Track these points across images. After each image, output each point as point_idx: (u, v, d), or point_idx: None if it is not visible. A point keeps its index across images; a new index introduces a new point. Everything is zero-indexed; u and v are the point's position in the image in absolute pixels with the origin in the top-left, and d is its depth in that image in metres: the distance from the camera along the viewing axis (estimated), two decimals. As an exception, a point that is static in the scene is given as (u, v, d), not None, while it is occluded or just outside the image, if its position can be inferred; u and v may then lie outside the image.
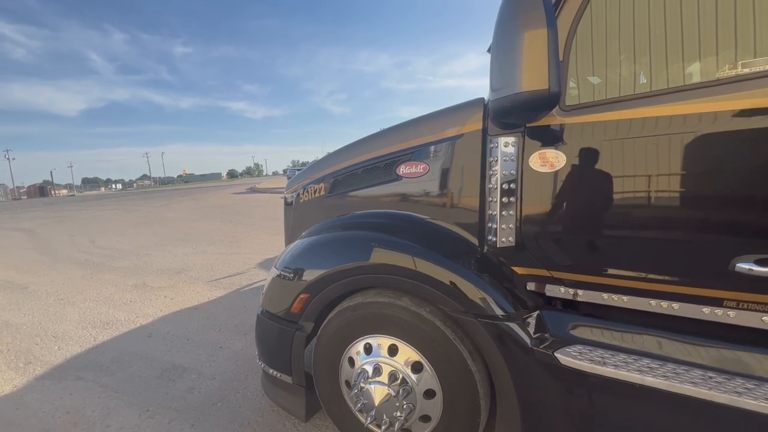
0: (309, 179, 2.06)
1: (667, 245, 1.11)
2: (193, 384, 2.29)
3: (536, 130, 1.21)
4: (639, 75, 1.16)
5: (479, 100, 1.40)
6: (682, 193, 1.06)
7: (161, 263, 5.51)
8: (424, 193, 1.54)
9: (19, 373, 2.55)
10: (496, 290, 1.32)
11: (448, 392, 1.38)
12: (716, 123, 0.99)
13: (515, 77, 0.99)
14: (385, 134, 1.72)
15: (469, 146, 1.38)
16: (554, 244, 1.27)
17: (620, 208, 1.15)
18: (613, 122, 1.11)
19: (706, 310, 1.09)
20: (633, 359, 1.10)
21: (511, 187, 1.26)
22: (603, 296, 1.23)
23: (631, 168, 1.10)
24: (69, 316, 3.56)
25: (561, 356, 1.15)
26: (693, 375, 1.02)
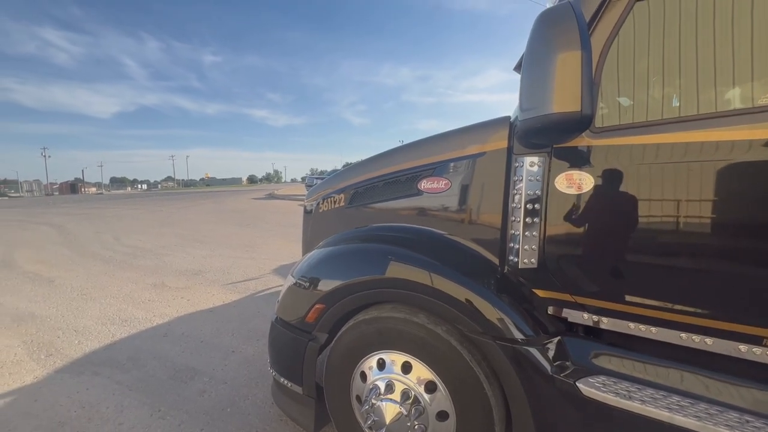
0: (330, 189, 2.08)
1: (699, 276, 1.06)
2: (205, 387, 2.31)
3: (564, 150, 1.19)
4: (672, 99, 1.13)
5: (505, 119, 1.39)
6: (715, 222, 1.02)
7: (180, 264, 5.64)
8: (445, 208, 1.53)
9: (40, 364, 2.63)
10: (516, 312, 1.28)
11: (461, 415, 1.33)
12: (752, 151, 0.95)
13: (546, 98, 0.98)
14: (408, 148, 1.73)
15: (493, 164, 1.37)
16: (578, 268, 1.23)
17: (649, 234, 1.11)
18: (643, 146, 1.08)
19: (743, 348, 1.02)
20: (662, 395, 1.04)
21: (535, 208, 1.24)
22: (629, 326, 1.17)
23: (661, 193, 1.06)
24: (90, 312, 3.67)
25: (583, 386, 1.10)
26: (728, 417, 0.96)
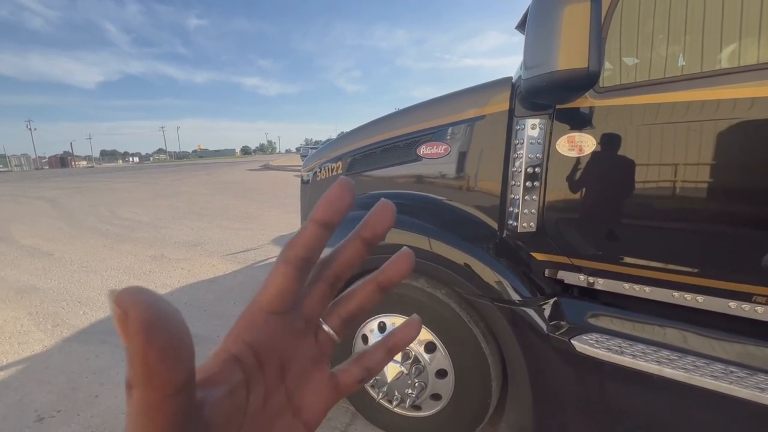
0: (326, 157, 2.04)
1: (698, 237, 1.08)
2: (211, 353, 2.38)
3: (566, 112, 1.16)
4: (679, 56, 1.09)
5: (507, 80, 1.35)
6: (718, 183, 1.02)
7: (178, 236, 5.65)
8: (445, 174, 1.52)
9: (48, 334, 2.69)
10: (514, 275, 1.31)
11: (460, 373, 1.40)
12: (755, 110, 0.93)
13: (552, 55, 0.94)
14: (406, 113, 1.69)
15: (493, 127, 1.34)
16: (577, 231, 1.24)
17: (650, 196, 1.11)
18: (648, 106, 1.06)
19: (733, 304, 1.06)
20: (652, 350, 1.08)
21: (535, 171, 1.23)
22: (624, 286, 1.20)
23: (664, 154, 1.05)
24: (92, 283, 3.71)
25: (577, 343, 1.14)
26: (714, 369, 1.00)
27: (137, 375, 0.13)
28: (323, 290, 0.22)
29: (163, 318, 0.13)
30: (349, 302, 0.24)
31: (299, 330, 0.21)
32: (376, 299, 0.24)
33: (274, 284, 0.20)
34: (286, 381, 0.21)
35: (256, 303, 0.20)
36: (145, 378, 0.13)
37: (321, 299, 0.22)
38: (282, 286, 0.20)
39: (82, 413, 1.86)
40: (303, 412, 0.22)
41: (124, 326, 0.13)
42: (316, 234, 0.20)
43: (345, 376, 0.24)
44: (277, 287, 0.20)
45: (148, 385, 0.13)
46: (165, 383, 0.13)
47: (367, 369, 0.24)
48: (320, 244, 0.20)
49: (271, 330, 0.20)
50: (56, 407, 1.90)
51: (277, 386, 0.21)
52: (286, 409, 0.21)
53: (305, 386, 0.22)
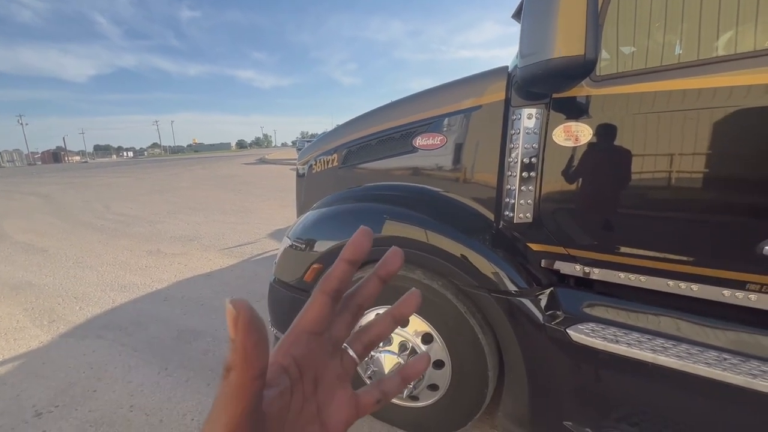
0: (321, 150, 2.03)
1: (693, 226, 1.08)
2: (208, 347, 2.38)
3: (563, 101, 1.15)
4: (676, 44, 1.08)
5: (502, 69, 1.34)
6: (713, 172, 1.02)
7: (174, 230, 5.62)
8: (441, 165, 1.51)
9: (44, 330, 2.68)
10: (510, 265, 1.31)
11: (456, 364, 1.40)
12: (750, 98, 0.92)
13: (548, 42, 0.93)
14: (401, 104, 1.67)
15: (489, 118, 1.33)
16: (573, 222, 1.24)
17: (645, 186, 1.11)
18: (644, 94, 1.05)
19: (727, 292, 1.07)
20: (647, 338, 1.09)
21: (531, 162, 1.22)
22: (619, 275, 1.21)
23: (660, 143, 1.05)
24: (88, 279, 3.69)
25: (573, 333, 1.15)
26: (707, 356, 1.02)
27: (238, 359, 0.18)
28: (348, 319, 0.27)
29: (259, 320, 0.18)
30: (370, 331, 0.29)
31: (329, 351, 0.26)
32: (391, 329, 0.30)
33: (314, 310, 0.25)
34: (317, 394, 0.25)
35: (299, 325, 0.25)
36: (242, 361, 0.18)
37: (347, 326, 0.27)
38: (320, 311, 0.25)
39: (80, 408, 1.86)
40: (328, 425, 0.26)
41: (235, 322, 0.17)
42: (345, 270, 0.25)
43: (365, 397, 0.28)
44: (316, 312, 0.25)
45: (243, 367, 0.18)
46: (254, 367, 0.18)
47: (383, 392, 0.29)
48: (349, 278, 0.25)
49: (310, 348, 0.25)
50: (54, 402, 1.90)
51: (311, 397, 0.25)
52: (315, 419, 0.25)
53: (331, 401, 0.26)
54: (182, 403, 1.87)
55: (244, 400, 0.18)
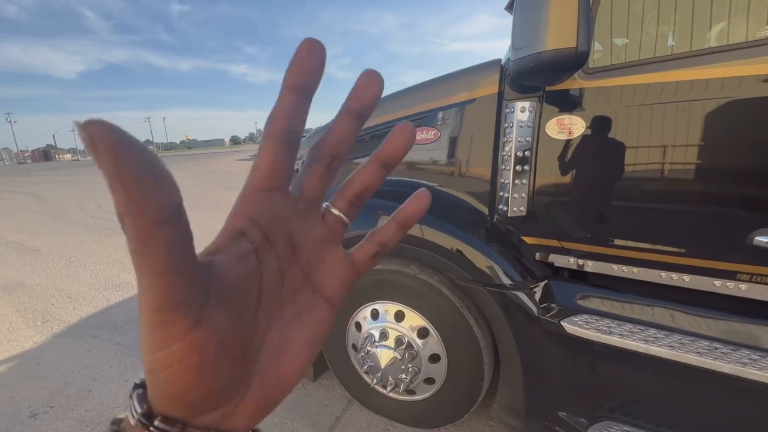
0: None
1: (686, 217, 1.09)
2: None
3: (556, 94, 1.15)
4: (669, 36, 1.08)
5: (496, 62, 1.33)
6: (706, 164, 1.02)
7: (168, 228, 5.57)
8: (435, 160, 1.50)
9: (38, 330, 2.65)
10: (505, 259, 1.31)
11: (452, 357, 1.41)
12: (743, 88, 0.93)
13: (540, 34, 0.92)
14: (394, 98, 1.66)
15: (483, 111, 1.33)
16: (567, 214, 1.24)
17: (638, 178, 1.11)
18: (637, 86, 1.05)
19: (718, 282, 1.08)
20: (639, 329, 1.10)
21: (525, 155, 1.22)
22: (613, 267, 1.22)
23: (653, 136, 1.05)
24: (81, 278, 3.66)
25: (567, 325, 1.16)
26: (699, 345, 1.03)
27: (121, 201, 0.13)
28: (320, 171, 0.22)
29: (132, 143, 0.13)
30: (354, 183, 0.24)
31: (302, 211, 0.22)
32: (380, 177, 0.24)
33: (262, 161, 0.20)
34: (299, 259, 0.22)
35: (250, 183, 0.20)
36: (128, 203, 0.13)
37: (319, 179, 0.22)
38: (270, 161, 0.20)
39: (75, 408, 1.85)
40: (323, 289, 0.23)
41: (95, 151, 0.12)
42: (291, 102, 0.19)
43: (359, 253, 0.25)
44: (266, 163, 0.20)
45: (135, 212, 0.13)
46: (149, 209, 0.13)
47: (379, 244, 0.25)
48: (299, 114, 0.20)
49: (271, 206, 0.21)
50: (49, 403, 1.89)
51: (290, 263, 0.22)
52: (305, 286, 0.22)
53: (320, 265, 0.23)
54: (179, 401, 1.87)
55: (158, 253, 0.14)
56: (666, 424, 1.11)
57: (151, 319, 0.16)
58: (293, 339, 0.22)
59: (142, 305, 0.16)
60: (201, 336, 0.16)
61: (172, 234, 0.15)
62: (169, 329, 0.16)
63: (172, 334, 0.16)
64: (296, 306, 0.22)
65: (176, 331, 0.16)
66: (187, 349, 0.16)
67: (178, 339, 0.16)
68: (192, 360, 0.16)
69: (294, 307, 0.22)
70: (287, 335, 0.21)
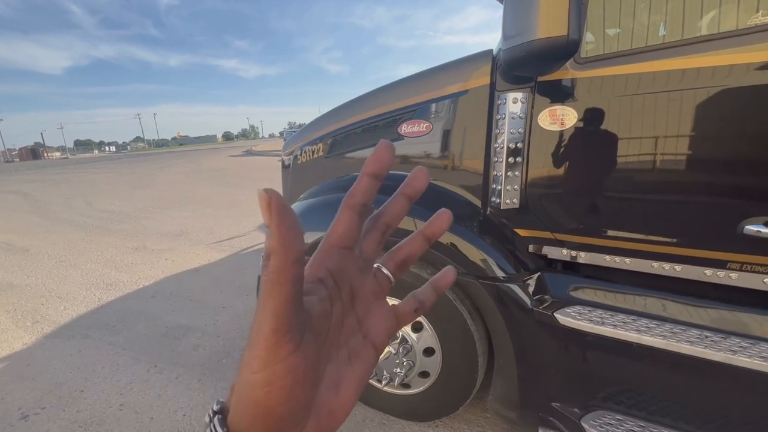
0: (306, 140, 1.99)
1: (678, 208, 1.09)
2: (198, 342, 2.36)
3: (548, 84, 1.14)
4: (660, 25, 1.07)
5: (487, 53, 1.31)
6: (697, 153, 1.02)
7: (161, 226, 5.51)
8: (427, 153, 1.49)
9: (28, 331, 2.61)
10: (498, 252, 1.31)
11: (447, 350, 1.41)
12: (733, 77, 0.92)
13: (531, 23, 0.91)
14: (386, 90, 1.64)
15: (475, 103, 1.31)
16: (560, 206, 1.24)
17: (630, 169, 1.11)
18: (628, 76, 1.04)
19: (709, 272, 1.08)
20: (632, 319, 1.11)
21: (518, 147, 1.21)
22: (605, 258, 1.22)
23: (645, 126, 1.05)
24: (72, 278, 3.61)
25: (560, 316, 1.16)
26: (690, 334, 1.03)
27: (275, 243, 0.18)
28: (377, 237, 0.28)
29: (290, 207, 0.19)
30: (402, 251, 0.30)
31: (361, 266, 0.27)
32: (423, 248, 0.30)
33: (341, 225, 0.25)
34: (356, 307, 0.26)
35: (329, 241, 0.25)
36: (279, 245, 0.18)
37: (376, 243, 0.28)
38: (347, 226, 0.25)
39: (67, 409, 1.83)
40: (371, 336, 0.27)
41: (268, 207, 0.18)
42: (368, 184, 0.25)
43: (403, 308, 0.30)
44: (343, 227, 0.25)
45: (282, 250, 0.18)
46: (292, 249, 0.18)
47: (420, 302, 0.31)
48: (373, 193, 0.25)
49: (342, 261, 0.25)
50: (41, 404, 1.87)
51: (350, 310, 0.26)
52: (358, 331, 0.27)
53: (370, 314, 0.27)
54: (173, 400, 1.86)
55: (287, 284, 0.19)
56: (658, 412, 1.12)
57: (267, 340, 0.19)
58: (345, 377, 0.25)
59: (260, 328, 0.19)
60: (298, 359, 0.20)
61: (299, 271, 0.19)
62: (278, 349, 0.19)
63: (279, 354, 0.19)
64: (349, 348, 0.26)
65: (283, 352, 0.19)
66: (287, 369, 0.19)
67: (283, 359, 0.19)
68: (287, 380, 0.20)
69: (347, 349, 0.26)
70: (341, 373, 0.25)
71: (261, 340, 0.19)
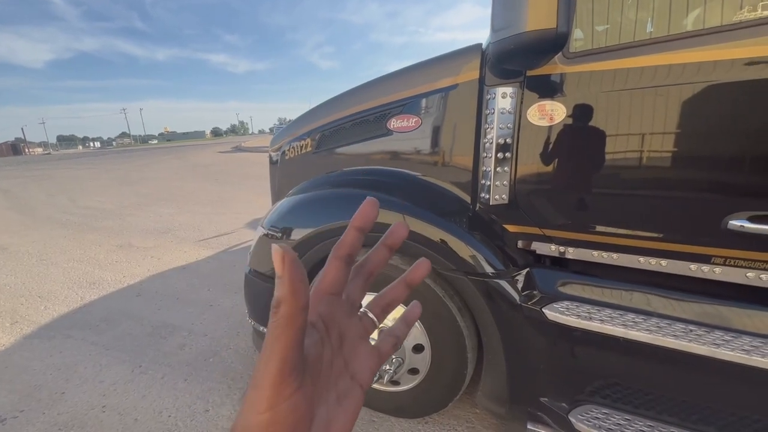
0: (294, 135, 1.95)
1: (664, 203, 1.10)
2: (185, 341, 2.32)
3: (537, 79, 1.13)
4: (648, 20, 1.07)
5: (476, 47, 1.30)
6: (682, 149, 1.03)
7: (146, 223, 5.40)
8: (416, 148, 1.48)
9: (6, 332, 2.53)
10: (487, 248, 1.30)
11: (436, 347, 1.41)
12: (719, 73, 0.93)
13: (520, 15, 0.90)
14: (375, 84, 1.61)
15: (464, 97, 1.30)
16: (548, 202, 1.24)
17: (617, 165, 1.11)
18: (616, 71, 1.04)
19: (693, 266, 1.09)
20: (619, 314, 1.12)
21: (507, 142, 1.21)
22: (593, 254, 1.22)
23: (631, 121, 1.05)
24: (53, 276, 3.51)
25: (548, 312, 1.16)
26: (675, 328, 1.05)
27: (287, 292, 0.20)
28: (361, 284, 0.30)
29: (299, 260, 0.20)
30: (385, 297, 0.33)
31: (348, 311, 0.29)
32: (405, 294, 0.33)
33: (330, 273, 0.27)
34: (343, 349, 0.28)
35: (319, 288, 0.27)
36: (290, 294, 0.20)
37: (360, 289, 0.30)
38: (336, 274, 0.27)
39: (47, 411, 1.77)
40: (357, 376, 0.28)
41: (282, 259, 0.19)
42: (354, 236, 0.27)
43: (383, 345, 0.32)
44: (332, 276, 0.27)
45: (292, 299, 0.20)
46: (301, 298, 0.20)
47: (397, 337, 0.33)
48: (358, 244, 0.28)
49: (331, 306, 0.27)
50: (18, 407, 1.81)
51: (338, 352, 0.27)
52: (345, 372, 0.28)
53: (356, 356, 0.29)
54: (158, 400, 1.82)
55: (294, 329, 0.20)
56: (644, 405, 1.14)
57: (272, 380, 0.20)
58: (335, 419, 0.25)
59: (266, 370, 0.20)
60: (299, 397, 0.21)
61: (305, 319, 0.21)
62: (283, 389, 0.20)
63: (284, 393, 0.20)
64: (337, 390, 0.26)
65: (288, 390, 0.21)
66: (291, 407, 0.21)
67: (287, 398, 0.21)
68: (292, 417, 0.21)
69: (336, 391, 0.26)
70: (331, 415, 0.25)
71: (268, 380, 0.20)
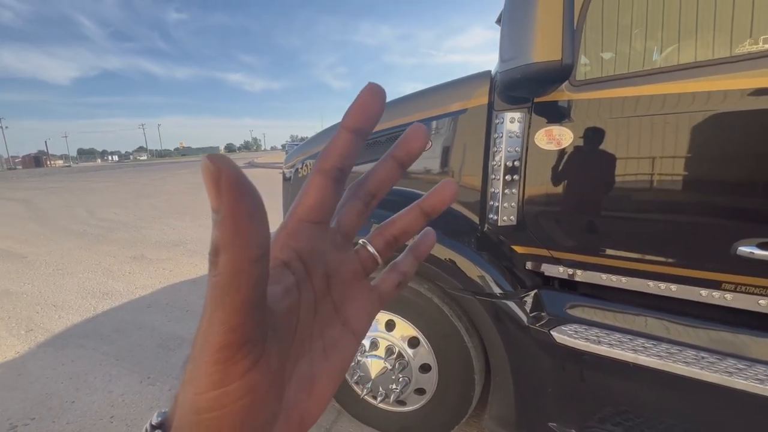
0: (308, 153, 2.02)
1: (673, 228, 1.10)
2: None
3: (544, 105, 1.17)
4: (654, 49, 1.11)
5: (486, 73, 1.35)
6: (691, 175, 1.04)
7: (159, 236, 5.51)
8: (426, 169, 1.52)
9: (21, 340, 2.59)
10: (495, 269, 1.32)
11: (443, 367, 1.40)
12: (728, 102, 0.95)
13: (527, 47, 0.94)
14: (388, 107, 1.66)
15: (473, 121, 1.34)
16: (556, 224, 1.26)
17: (625, 189, 1.13)
18: (623, 99, 1.07)
19: (704, 292, 1.09)
20: (628, 339, 1.11)
21: (515, 165, 1.24)
22: (602, 277, 1.23)
23: (639, 147, 1.07)
24: (68, 286, 3.59)
25: (557, 334, 1.16)
26: (686, 355, 1.03)
27: (227, 236, 0.13)
28: (359, 207, 0.23)
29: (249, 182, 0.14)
30: (393, 225, 0.25)
31: (338, 244, 0.22)
32: (420, 224, 0.25)
33: (310, 195, 0.20)
34: (331, 292, 0.22)
35: (296, 213, 0.20)
36: (234, 238, 0.13)
37: (357, 215, 0.23)
38: (319, 195, 0.20)
39: (57, 420, 1.80)
40: (351, 323, 0.23)
41: (216, 185, 0.13)
42: (347, 141, 0.20)
43: (384, 284, 0.25)
44: (313, 198, 0.20)
45: (237, 247, 0.13)
46: (251, 245, 0.14)
47: (403, 273, 0.26)
48: (353, 153, 0.20)
49: (313, 239, 0.20)
50: (30, 415, 1.84)
51: (324, 296, 0.21)
52: (335, 319, 0.22)
53: (350, 299, 0.23)
54: (165, 412, 1.82)
55: (243, 290, 0.14)
56: None
57: (214, 356, 0.14)
58: (320, 374, 0.21)
59: (207, 342, 0.15)
60: (258, 375, 0.16)
61: (261, 272, 0.14)
62: (232, 367, 0.15)
63: (234, 372, 0.15)
64: (324, 340, 0.21)
65: (238, 369, 0.15)
66: (244, 389, 0.15)
67: (239, 377, 0.15)
68: (245, 400, 0.15)
69: (322, 341, 0.21)
70: (315, 370, 0.21)
71: (207, 357, 0.15)
